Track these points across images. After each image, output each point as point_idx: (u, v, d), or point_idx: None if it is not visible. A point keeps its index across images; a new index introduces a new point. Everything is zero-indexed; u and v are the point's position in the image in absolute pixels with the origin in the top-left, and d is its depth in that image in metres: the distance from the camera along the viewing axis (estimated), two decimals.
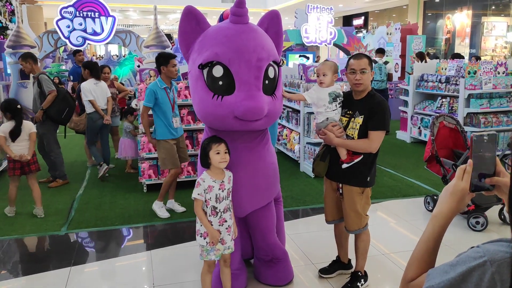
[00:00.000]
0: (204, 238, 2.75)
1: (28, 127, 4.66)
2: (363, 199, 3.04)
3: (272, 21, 2.97)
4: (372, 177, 3.05)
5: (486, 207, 4.34)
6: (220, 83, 2.63)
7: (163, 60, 4.42)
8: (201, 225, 2.76)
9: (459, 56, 10.13)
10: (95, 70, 6.07)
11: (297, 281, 3.34)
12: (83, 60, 7.03)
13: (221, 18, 2.99)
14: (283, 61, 3.58)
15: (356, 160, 2.94)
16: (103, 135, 6.30)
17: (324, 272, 3.39)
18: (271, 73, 2.73)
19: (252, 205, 3.01)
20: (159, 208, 4.67)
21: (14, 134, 4.53)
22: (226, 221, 2.77)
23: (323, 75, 3.03)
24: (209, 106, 2.67)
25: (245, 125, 2.67)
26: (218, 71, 2.62)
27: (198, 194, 2.69)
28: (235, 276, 3.06)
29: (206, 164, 2.73)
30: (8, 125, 4.54)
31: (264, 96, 2.65)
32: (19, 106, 4.68)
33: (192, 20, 2.79)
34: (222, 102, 2.61)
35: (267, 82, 2.70)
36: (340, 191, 3.09)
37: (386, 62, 9.57)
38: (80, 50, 7.16)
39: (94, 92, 5.93)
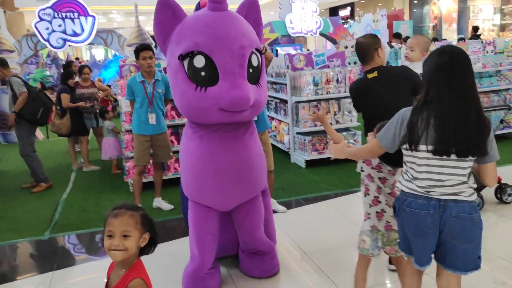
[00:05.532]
0: None
1: None
2: None
3: (251, 8, 2.83)
4: None
5: (481, 187, 4.22)
6: (203, 73, 2.48)
7: (135, 54, 4.33)
8: None
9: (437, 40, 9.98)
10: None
11: (292, 272, 3.20)
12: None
13: (198, 7, 2.84)
14: (265, 49, 3.46)
15: None
16: None
17: None
18: (254, 61, 2.61)
19: (236, 198, 2.85)
20: None
21: None
22: None
23: (411, 50, 3.15)
24: (192, 99, 2.52)
25: (231, 117, 2.53)
26: (199, 61, 2.47)
27: None
28: (210, 275, 2.96)
29: None
30: None
31: (250, 85, 2.53)
32: None
33: (168, 11, 2.63)
34: (206, 93, 2.46)
35: (251, 70, 2.58)
36: None
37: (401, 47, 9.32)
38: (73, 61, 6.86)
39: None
